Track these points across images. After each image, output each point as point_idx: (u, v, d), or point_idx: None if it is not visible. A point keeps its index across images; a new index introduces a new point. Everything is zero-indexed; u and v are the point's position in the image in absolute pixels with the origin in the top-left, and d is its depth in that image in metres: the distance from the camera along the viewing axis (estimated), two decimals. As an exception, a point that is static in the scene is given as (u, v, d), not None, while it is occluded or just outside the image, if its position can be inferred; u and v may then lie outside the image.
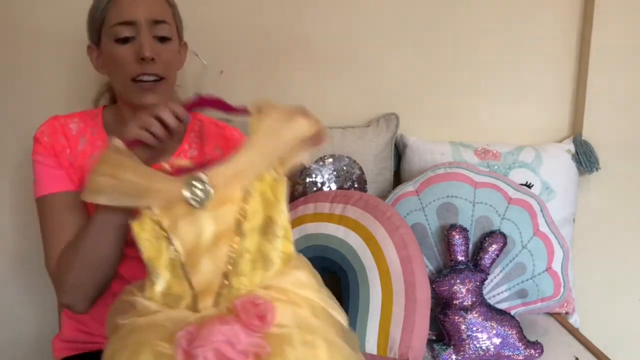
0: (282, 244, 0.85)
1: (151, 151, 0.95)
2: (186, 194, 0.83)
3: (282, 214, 0.85)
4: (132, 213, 0.88)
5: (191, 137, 1.16)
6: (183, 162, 0.89)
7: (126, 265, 1.07)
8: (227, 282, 0.82)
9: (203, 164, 0.87)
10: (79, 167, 1.11)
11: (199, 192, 0.83)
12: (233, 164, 0.85)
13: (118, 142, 0.89)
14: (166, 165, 0.89)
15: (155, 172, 0.87)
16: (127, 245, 0.99)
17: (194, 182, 0.83)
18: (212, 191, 0.83)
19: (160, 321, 0.82)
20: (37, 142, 1.12)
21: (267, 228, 0.85)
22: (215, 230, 0.84)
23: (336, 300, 0.88)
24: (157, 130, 0.92)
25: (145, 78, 1.06)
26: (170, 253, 0.84)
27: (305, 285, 0.85)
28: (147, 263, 0.85)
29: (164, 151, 0.97)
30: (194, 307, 0.83)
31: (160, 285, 0.84)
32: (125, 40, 1.05)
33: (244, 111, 0.93)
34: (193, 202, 0.83)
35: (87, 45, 1.12)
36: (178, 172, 0.87)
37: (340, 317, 0.86)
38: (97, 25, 1.07)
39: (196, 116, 1.20)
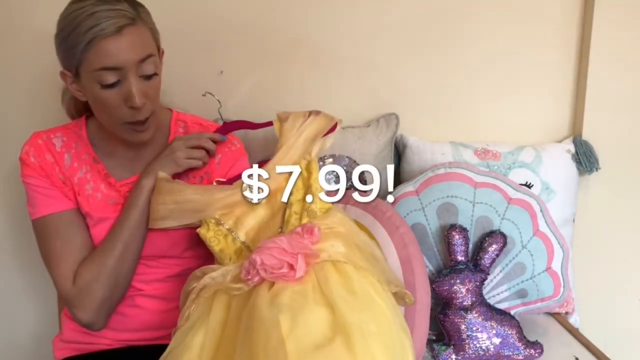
0: (320, 203, 1.03)
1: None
2: (247, 194, 1.03)
3: (317, 184, 1.05)
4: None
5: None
6: (220, 179, 1.11)
7: None
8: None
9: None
10: (70, 184, 1.10)
11: (257, 192, 1.03)
12: (274, 162, 1.05)
13: (163, 175, 1.06)
14: (214, 182, 1.10)
15: (209, 186, 1.08)
16: None
17: (250, 184, 1.03)
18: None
19: (224, 270, 0.96)
20: (24, 164, 1.10)
21: (307, 194, 1.04)
22: (271, 213, 1.04)
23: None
24: (204, 157, 1.11)
25: (138, 120, 1.03)
26: (236, 244, 1.03)
27: (341, 220, 1.03)
28: (219, 254, 1.03)
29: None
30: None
31: (231, 265, 0.98)
32: (111, 85, 0.99)
33: (268, 123, 1.15)
34: (254, 199, 1.03)
35: (60, 71, 1.04)
36: (222, 184, 1.09)
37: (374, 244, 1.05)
38: (76, 62, 0.99)
39: (179, 117, 1.20)
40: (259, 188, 1.03)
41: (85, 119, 1.16)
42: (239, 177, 1.04)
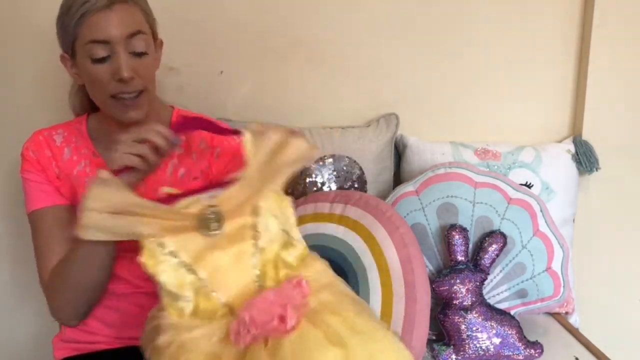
0: (298, 251, 0.94)
1: (141, 174, 0.95)
2: (202, 228, 0.88)
3: (293, 226, 0.94)
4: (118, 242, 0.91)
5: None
6: (173, 190, 0.93)
7: (120, 264, 1.08)
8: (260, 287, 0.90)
9: (202, 187, 0.91)
10: (65, 177, 1.12)
11: (212, 223, 0.88)
12: (238, 188, 0.90)
13: (104, 174, 0.88)
14: (161, 192, 0.92)
15: (155, 204, 0.89)
16: (117, 243, 0.98)
17: (207, 214, 0.88)
18: (224, 219, 0.89)
19: (206, 331, 0.86)
20: (24, 159, 1.12)
21: (283, 240, 0.93)
22: (234, 250, 0.89)
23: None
24: (147, 154, 0.93)
25: (126, 96, 1.03)
26: (192, 280, 0.88)
27: (324, 271, 0.95)
28: (170, 291, 0.88)
29: (151, 171, 0.97)
30: (233, 315, 0.87)
31: (188, 307, 0.88)
32: (101, 60, 1.01)
33: (235, 132, 0.98)
34: (210, 233, 0.88)
35: (60, 55, 1.07)
36: (169, 199, 0.91)
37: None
38: (71, 38, 1.02)
39: (180, 113, 1.18)
40: (216, 216, 0.88)
41: (87, 116, 1.17)
42: (193, 191, 0.90)
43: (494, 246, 1.24)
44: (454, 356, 1.20)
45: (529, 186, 1.41)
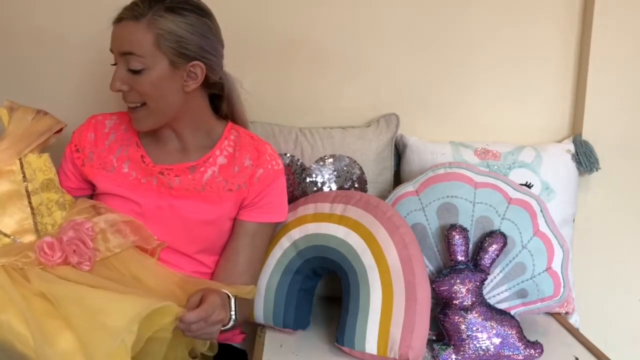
0: (62, 194, 1.16)
1: None
2: None
3: (55, 176, 1.17)
4: None
5: (224, 145, 1.19)
6: None
7: None
8: (37, 223, 1.10)
9: None
10: (99, 159, 1.19)
11: None
12: (2, 144, 1.11)
13: None
14: None
15: None
16: None
17: None
18: None
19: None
20: (72, 138, 1.22)
21: (48, 186, 1.14)
22: (2, 190, 1.09)
23: None
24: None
25: (127, 104, 1.13)
26: None
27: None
28: None
29: None
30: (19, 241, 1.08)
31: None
32: (115, 66, 1.11)
33: None
34: None
35: None
36: None
37: None
38: None
39: (233, 127, 1.23)
40: None
41: None
42: None
43: (494, 246, 1.24)
44: (454, 356, 1.20)
45: (529, 186, 1.41)
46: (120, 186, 1.17)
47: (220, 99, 1.23)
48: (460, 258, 1.23)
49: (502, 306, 1.27)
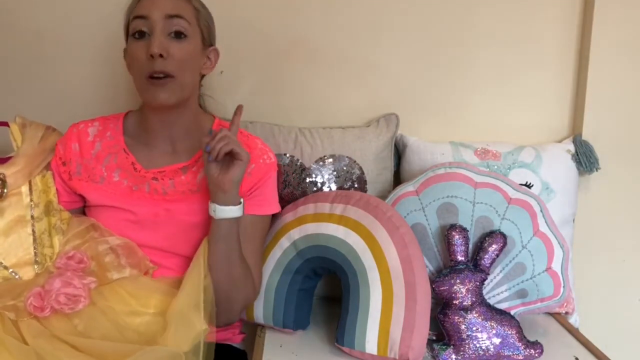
0: (60, 214, 1.13)
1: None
2: None
3: (55, 196, 1.14)
4: None
5: None
6: None
7: None
8: (37, 253, 1.08)
9: None
10: (87, 170, 1.15)
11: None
12: (17, 164, 1.09)
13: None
14: None
15: None
16: None
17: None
18: (7, 183, 1.07)
19: None
20: (56, 151, 1.19)
21: (49, 208, 1.12)
22: (9, 218, 1.07)
23: None
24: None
25: (155, 75, 1.07)
26: None
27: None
28: None
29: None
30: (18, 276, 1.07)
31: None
32: (140, 35, 1.07)
33: (2, 123, 1.15)
34: None
35: (124, 49, 1.15)
36: None
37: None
38: (126, 22, 1.12)
39: (221, 123, 1.22)
40: (2, 182, 1.07)
41: (127, 113, 1.22)
42: None
43: (494, 246, 1.24)
44: (454, 356, 1.20)
45: (529, 186, 1.41)
46: (112, 197, 1.15)
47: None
48: (460, 258, 1.23)
49: (502, 306, 1.27)
